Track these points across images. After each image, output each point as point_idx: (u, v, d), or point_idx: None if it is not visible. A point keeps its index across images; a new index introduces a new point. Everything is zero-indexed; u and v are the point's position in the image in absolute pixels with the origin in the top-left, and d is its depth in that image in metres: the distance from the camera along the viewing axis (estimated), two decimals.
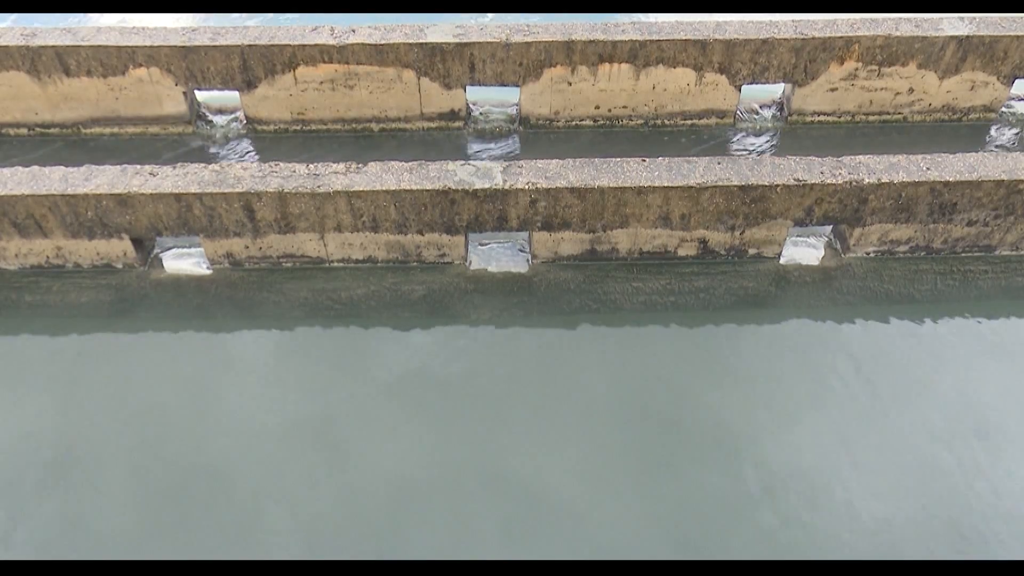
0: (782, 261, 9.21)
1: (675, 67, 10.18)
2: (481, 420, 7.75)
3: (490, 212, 8.49)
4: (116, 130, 10.68)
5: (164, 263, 9.16)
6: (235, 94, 10.48)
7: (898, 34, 9.97)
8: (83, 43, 9.70)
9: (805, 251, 9.37)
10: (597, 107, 10.65)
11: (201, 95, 10.93)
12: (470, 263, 9.15)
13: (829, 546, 6.86)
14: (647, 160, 8.46)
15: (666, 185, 8.27)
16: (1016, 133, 10.99)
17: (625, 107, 10.65)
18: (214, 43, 9.75)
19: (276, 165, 8.39)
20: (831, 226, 9.35)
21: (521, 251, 9.31)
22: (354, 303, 8.79)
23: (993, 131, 11.01)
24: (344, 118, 10.67)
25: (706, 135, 10.89)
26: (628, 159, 8.48)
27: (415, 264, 9.09)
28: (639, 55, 10.02)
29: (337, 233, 8.68)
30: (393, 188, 8.22)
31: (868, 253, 9.18)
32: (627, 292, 8.89)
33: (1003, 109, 11.07)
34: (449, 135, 10.86)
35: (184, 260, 9.19)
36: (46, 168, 8.33)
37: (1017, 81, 10.70)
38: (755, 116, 11.13)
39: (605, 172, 8.36)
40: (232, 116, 10.96)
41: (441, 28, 9.98)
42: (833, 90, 10.60)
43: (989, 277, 9.08)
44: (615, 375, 8.10)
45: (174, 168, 8.37)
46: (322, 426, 7.72)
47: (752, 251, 9.08)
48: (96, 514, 7.07)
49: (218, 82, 10.18)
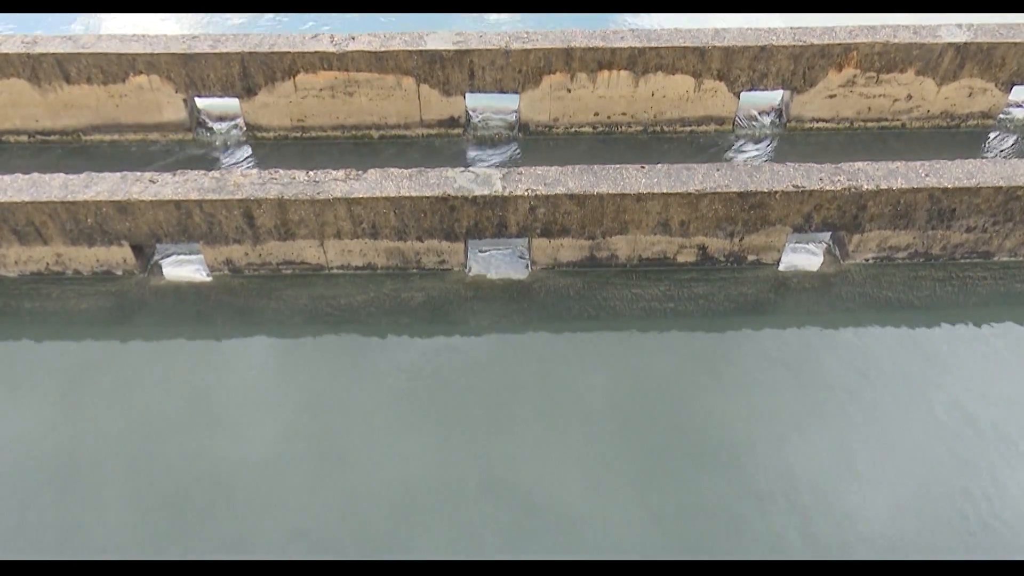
0: (781, 267, 9.22)
1: (674, 74, 10.21)
2: (481, 426, 7.75)
3: (489, 219, 8.50)
4: (116, 137, 10.70)
5: (164, 270, 9.17)
6: (235, 101, 10.50)
7: (896, 41, 9.99)
8: (84, 50, 9.73)
9: (804, 257, 9.38)
10: (596, 114, 10.67)
11: (201, 102, 10.95)
12: (469, 269, 9.16)
13: (829, 551, 6.87)
14: (646, 167, 8.48)
15: (665, 192, 8.28)
16: (1015, 139, 11.01)
17: (624, 114, 10.67)
18: (214, 50, 9.77)
19: (276, 172, 8.40)
20: (830, 232, 9.35)
21: (520, 257, 9.32)
22: (354, 309, 8.80)
23: (991, 137, 11.03)
24: (344, 125, 10.69)
25: (705, 142, 10.90)
26: (627, 166, 8.49)
27: (415, 270, 9.10)
28: (638, 62, 10.04)
29: (337, 240, 8.69)
30: (393, 195, 8.23)
31: (867, 259, 9.19)
32: (626, 298, 8.90)
33: (1001, 115, 11.09)
34: (449, 142, 10.87)
35: (184, 267, 9.20)
36: (46, 175, 8.34)
37: (1015, 87, 10.72)
38: (754, 123, 11.14)
39: (604, 179, 8.37)
40: (232, 123, 10.97)
41: (441, 35, 10.01)
42: (832, 97, 10.62)
43: (988, 283, 9.09)
44: (615, 381, 8.10)
45: (174, 175, 8.38)
46: (322, 432, 7.72)
47: (751, 257, 9.09)
48: (96, 519, 7.06)
49: (218, 89, 10.20)
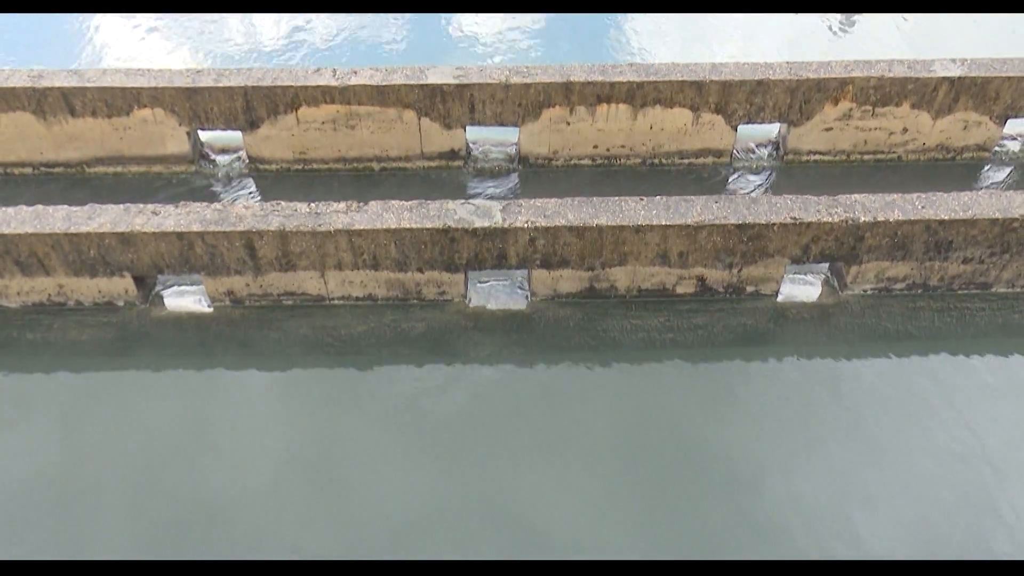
0: (780, 298, 9.25)
1: (672, 107, 10.33)
2: (481, 457, 7.74)
3: (489, 250, 8.56)
4: (120, 169, 10.79)
5: (165, 300, 9.21)
6: (238, 134, 10.61)
7: (891, 75, 10.12)
8: (89, 84, 9.85)
9: (803, 288, 9.42)
10: (595, 146, 10.78)
11: (204, 135, 11.06)
12: (469, 300, 9.20)
13: None
14: (645, 199, 8.55)
15: (664, 224, 8.35)
16: (1010, 171, 11.11)
17: (623, 146, 10.78)
18: (218, 84, 9.90)
19: (278, 204, 8.47)
20: (828, 264, 9.41)
21: (520, 289, 9.36)
22: (354, 340, 8.82)
23: (987, 170, 11.13)
24: (346, 157, 10.79)
25: (703, 174, 11.00)
26: (626, 198, 8.56)
27: (415, 301, 9.13)
28: (636, 96, 10.17)
29: (338, 271, 8.73)
30: (393, 226, 8.29)
31: (865, 290, 9.24)
32: (626, 329, 8.92)
33: (996, 148, 11.19)
34: (449, 174, 10.97)
35: (185, 297, 9.23)
36: (50, 207, 8.41)
37: (1010, 121, 10.84)
38: (751, 155, 11.25)
39: (603, 211, 8.44)
40: (235, 155, 11.07)
41: (441, 70, 10.15)
42: (828, 130, 10.73)
43: (986, 314, 9.12)
44: (615, 412, 8.10)
45: (177, 207, 8.45)
46: (322, 463, 7.70)
47: (750, 288, 9.13)
48: (96, 551, 7.01)
49: (221, 122, 10.31)
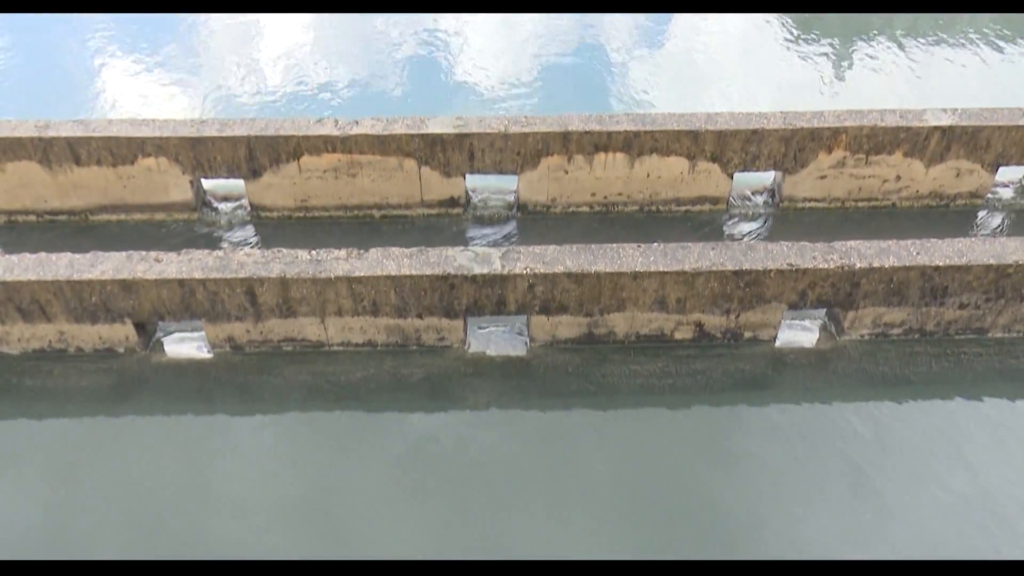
0: (777, 344, 9.29)
1: (668, 156, 10.49)
2: (481, 503, 7.70)
3: (489, 296, 8.62)
4: (123, 217, 10.91)
5: (165, 347, 9.23)
6: (240, 182, 10.75)
7: (883, 125, 10.30)
8: (95, 134, 10.01)
9: (800, 334, 9.47)
10: (593, 194, 10.91)
11: (207, 183, 11.20)
12: (469, 346, 9.23)
13: None
14: (642, 246, 8.64)
15: (662, 270, 8.43)
16: (1003, 218, 11.24)
17: (620, 194, 10.92)
18: (221, 134, 10.06)
19: (279, 251, 8.55)
20: (825, 309, 9.47)
21: (519, 335, 9.40)
22: (354, 386, 8.83)
23: (980, 216, 11.26)
24: (347, 205, 10.92)
25: (700, 221, 11.11)
26: (624, 245, 8.65)
27: (414, 347, 9.17)
28: (633, 145, 10.33)
29: (338, 317, 8.78)
30: (394, 273, 8.36)
31: (863, 335, 9.28)
32: (624, 375, 8.94)
33: (989, 195, 11.34)
34: (449, 221, 11.08)
35: (185, 344, 9.26)
36: (53, 255, 8.48)
37: (1001, 168, 10.99)
38: (747, 202, 11.39)
39: (601, 257, 8.52)
40: (237, 203, 11.20)
41: (441, 120, 10.33)
42: (823, 177, 10.88)
43: (983, 359, 9.15)
44: (614, 457, 8.09)
45: (179, 254, 8.52)
46: (322, 509, 7.66)
47: (748, 334, 9.18)
48: None
49: (224, 171, 10.46)
